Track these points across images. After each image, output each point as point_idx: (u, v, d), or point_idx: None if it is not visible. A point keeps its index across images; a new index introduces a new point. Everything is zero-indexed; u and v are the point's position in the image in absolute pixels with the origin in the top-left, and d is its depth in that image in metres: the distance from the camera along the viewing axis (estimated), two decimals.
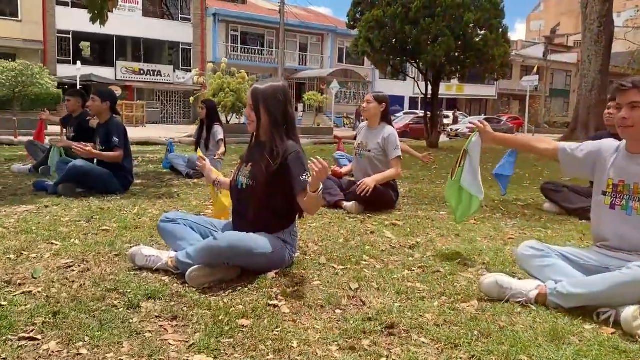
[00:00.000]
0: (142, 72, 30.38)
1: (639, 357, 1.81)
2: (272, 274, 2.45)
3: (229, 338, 1.82)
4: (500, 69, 13.75)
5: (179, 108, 31.85)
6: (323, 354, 1.73)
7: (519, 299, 2.21)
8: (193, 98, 24.40)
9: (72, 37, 28.52)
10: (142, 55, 31.22)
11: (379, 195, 4.30)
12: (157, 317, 1.99)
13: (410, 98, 40.04)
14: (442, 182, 6.49)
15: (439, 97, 15.03)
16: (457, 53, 13.28)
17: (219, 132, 6.39)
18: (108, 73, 29.31)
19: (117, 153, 4.67)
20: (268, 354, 1.72)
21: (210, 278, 2.34)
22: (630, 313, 1.95)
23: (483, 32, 13.44)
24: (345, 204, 4.28)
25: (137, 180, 5.44)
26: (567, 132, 22.92)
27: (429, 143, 14.56)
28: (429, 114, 14.90)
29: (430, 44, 12.61)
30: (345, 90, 37.18)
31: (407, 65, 15.66)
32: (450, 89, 39.07)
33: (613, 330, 1.98)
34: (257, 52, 35.31)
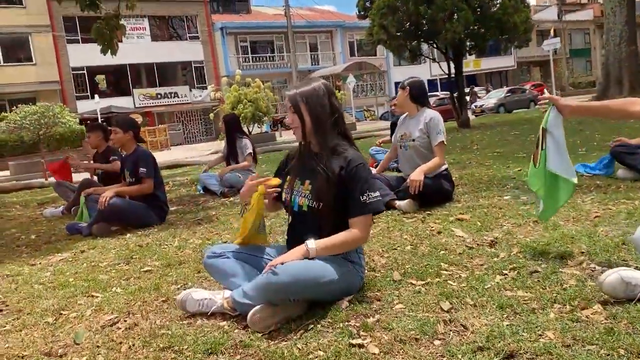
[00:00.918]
0: (159, 96, 30.57)
1: None
2: (345, 303, 2.09)
3: None
4: (524, 35, 13.09)
5: (200, 126, 31.95)
6: None
7: None
8: (213, 114, 24.39)
9: (86, 72, 28.91)
10: (157, 80, 31.43)
11: (434, 190, 3.91)
12: None
13: (429, 80, 39.26)
14: (491, 162, 6.03)
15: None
16: (476, 26, 12.71)
17: (247, 145, 6.12)
18: (126, 102, 29.59)
19: (145, 185, 4.40)
20: None
21: (276, 318, 1.99)
22: None
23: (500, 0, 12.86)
24: (399, 203, 3.89)
25: (171, 207, 5.18)
26: (599, 90, 21.92)
27: (460, 123, 13.97)
28: (456, 94, 14.30)
29: (448, 21, 12.06)
30: (362, 83, 36.65)
31: (424, 47, 15.11)
32: (468, 66, 37.91)
33: None
34: (268, 58, 35.15)
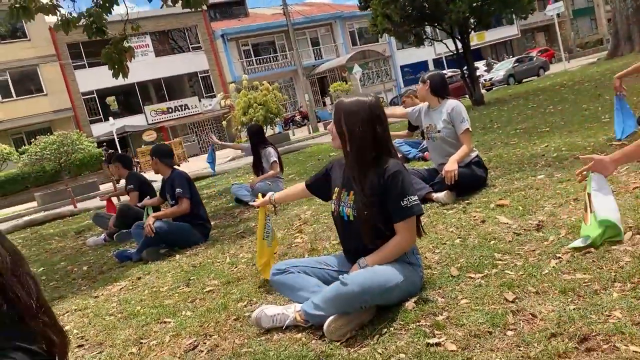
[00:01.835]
0: (170, 110, 30.91)
1: None
2: (411, 304, 2.20)
3: None
4: (529, 5, 12.96)
5: (214, 134, 32.19)
6: None
7: None
8: (225, 121, 24.60)
9: (96, 95, 29.35)
10: (165, 94, 31.77)
11: (469, 177, 4.00)
12: None
13: (434, 60, 38.98)
14: (516, 141, 6.07)
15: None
16: (479, 2, 12.64)
17: (272, 154, 6.24)
18: (139, 120, 29.98)
19: (183, 204, 4.54)
20: None
21: (350, 326, 2.11)
22: None
23: None
24: (437, 195, 3.98)
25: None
26: (610, 49, 21.61)
27: (474, 101, 13.93)
28: (466, 72, 14.25)
29: (451, 2, 12.02)
30: (368, 71, 36.53)
31: (428, 30, 15.07)
32: (472, 40, 37.75)
33: None
34: (272, 59, 35.24)
